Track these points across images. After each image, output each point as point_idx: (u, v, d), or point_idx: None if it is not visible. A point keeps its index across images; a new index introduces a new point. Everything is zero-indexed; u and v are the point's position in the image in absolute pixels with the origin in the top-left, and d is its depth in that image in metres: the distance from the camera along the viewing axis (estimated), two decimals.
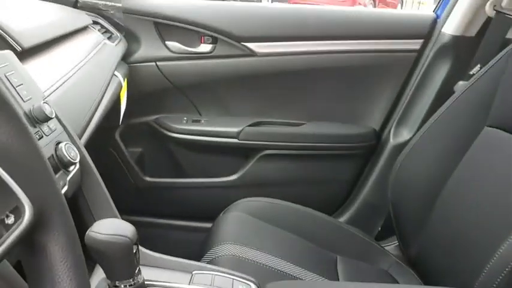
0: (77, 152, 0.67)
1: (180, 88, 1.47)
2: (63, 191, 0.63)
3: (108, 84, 1.14)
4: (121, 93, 1.27)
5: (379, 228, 1.43)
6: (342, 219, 1.49)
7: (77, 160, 0.66)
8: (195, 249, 1.02)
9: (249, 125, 1.45)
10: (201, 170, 1.53)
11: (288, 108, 1.50)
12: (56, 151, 0.62)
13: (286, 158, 1.47)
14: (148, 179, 1.58)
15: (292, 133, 1.47)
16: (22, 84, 0.63)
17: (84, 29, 1.22)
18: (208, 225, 1.16)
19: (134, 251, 0.49)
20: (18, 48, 0.74)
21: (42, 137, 0.61)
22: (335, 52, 1.41)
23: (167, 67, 1.45)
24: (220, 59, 1.43)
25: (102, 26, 1.40)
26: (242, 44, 1.40)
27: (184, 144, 1.54)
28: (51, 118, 0.63)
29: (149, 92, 1.52)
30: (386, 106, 1.47)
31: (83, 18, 1.26)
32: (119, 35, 1.44)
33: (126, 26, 1.46)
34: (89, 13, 1.40)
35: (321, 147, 1.46)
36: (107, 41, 1.30)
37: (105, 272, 0.49)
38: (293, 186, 1.50)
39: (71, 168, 0.66)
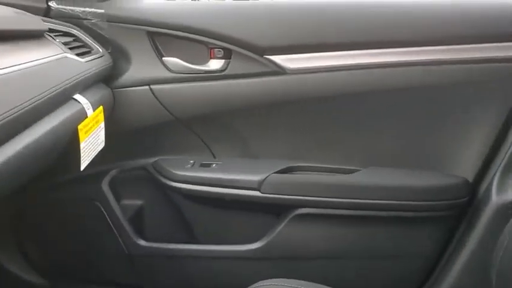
0: None
1: (182, 120, 1.17)
2: None
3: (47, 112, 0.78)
4: (82, 126, 0.89)
5: None
6: None
7: None
8: None
9: (277, 172, 1.13)
10: (212, 233, 1.22)
11: (333, 147, 1.17)
12: None
13: (331, 221, 1.12)
14: (143, 243, 1.23)
15: (340, 184, 1.11)
16: None
17: (30, 36, 0.86)
18: None
19: None
20: None
21: None
22: (404, 65, 1.07)
23: (164, 92, 1.14)
24: (235, 79, 1.12)
25: (77, 39, 1.04)
26: (265, 58, 1.09)
27: (189, 196, 1.19)
28: None
29: (143, 126, 1.19)
30: (484, 146, 1.10)
31: (32, 22, 0.90)
32: (101, 50, 1.08)
33: (111, 39, 1.09)
34: (65, 23, 1.05)
35: (383, 206, 1.09)
36: (71, 56, 0.93)
37: None
38: (340, 262, 1.14)
39: None
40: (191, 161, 1.20)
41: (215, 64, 1.12)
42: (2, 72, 0.68)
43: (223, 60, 1.11)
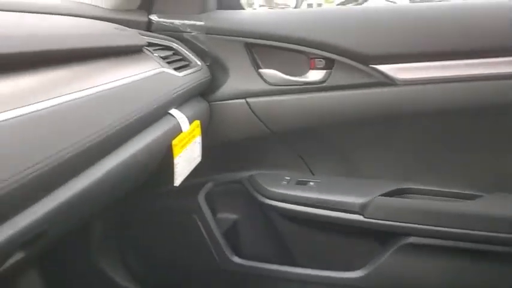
0: None
1: (279, 133, 1.10)
2: None
3: (143, 126, 0.77)
4: (176, 141, 0.86)
5: None
6: None
7: None
8: None
9: (383, 194, 1.02)
10: (308, 256, 1.13)
11: (449, 168, 1.03)
12: None
13: (445, 253, 0.98)
14: (237, 260, 1.18)
15: (459, 212, 0.96)
16: None
17: (129, 51, 0.86)
18: None
19: None
20: None
21: None
22: None
23: (261, 104, 1.09)
24: (337, 90, 1.04)
25: (177, 52, 1.03)
26: (371, 67, 1.00)
27: (285, 215, 1.11)
28: None
29: (239, 139, 1.14)
30: None
31: (130, 37, 0.90)
32: (199, 63, 1.05)
33: (209, 51, 1.06)
34: (165, 37, 1.05)
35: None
36: (168, 70, 0.92)
37: None
38: None
39: None
40: (287, 178, 1.12)
41: (315, 75, 1.04)
42: (102, 88, 0.68)
43: (324, 71, 1.03)
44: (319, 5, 4.00)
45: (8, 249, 0.48)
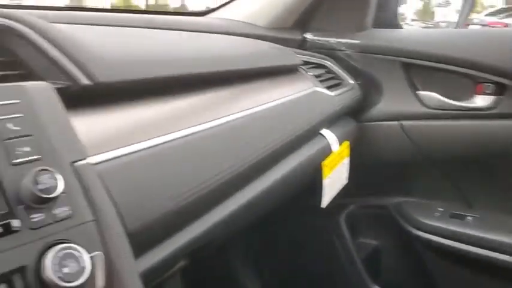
0: None
1: (434, 160, 1.04)
2: None
3: (295, 146, 0.77)
4: (327, 162, 0.85)
5: None
6: None
7: None
8: None
9: None
10: None
11: None
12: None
13: None
14: None
15: None
16: (28, 136, 0.37)
17: (284, 70, 0.87)
18: None
19: None
20: (83, 82, 0.44)
21: (17, 230, 0.33)
22: None
23: (417, 128, 1.03)
24: (508, 119, 0.94)
25: (329, 71, 1.03)
26: None
27: (434, 249, 1.03)
28: (50, 199, 0.34)
29: (389, 163, 1.09)
30: None
31: (287, 57, 0.91)
32: (351, 82, 1.04)
33: (363, 70, 1.03)
34: (318, 55, 1.05)
35: None
36: (321, 89, 0.91)
37: None
38: None
39: None
40: (440, 209, 1.03)
41: (482, 101, 0.94)
42: (259, 109, 0.69)
43: (492, 97, 0.93)
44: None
45: (177, 257, 0.51)
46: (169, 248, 0.49)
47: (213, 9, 1.16)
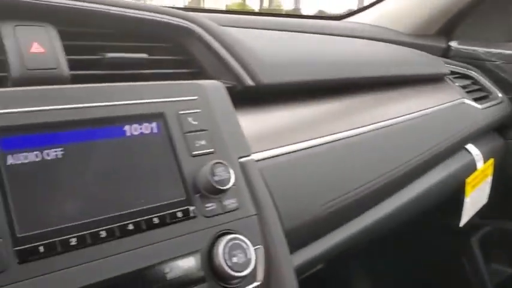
0: None
1: None
2: None
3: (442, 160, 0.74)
4: (470, 179, 0.79)
5: None
6: None
7: None
8: None
9: None
10: None
11: None
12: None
13: None
14: None
15: None
16: (204, 130, 0.40)
17: (430, 79, 0.84)
18: None
19: None
20: (248, 83, 0.48)
21: (194, 216, 0.36)
22: None
23: None
24: None
25: (476, 82, 0.96)
26: None
27: None
28: (223, 190, 0.37)
29: None
30: None
31: (434, 65, 0.87)
32: (500, 95, 0.95)
33: None
34: (463, 64, 0.99)
35: None
36: (469, 101, 0.85)
37: None
38: None
39: None
40: None
41: None
42: (404, 118, 0.67)
43: None
44: None
45: (318, 260, 0.51)
46: (314, 251, 0.49)
47: (349, 14, 1.15)
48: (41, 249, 0.29)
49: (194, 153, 0.38)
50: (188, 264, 0.34)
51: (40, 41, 0.38)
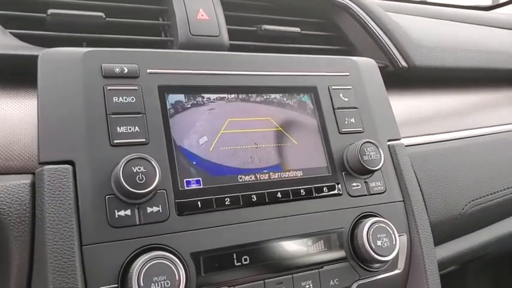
0: None
1: None
2: None
3: None
4: None
5: None
6: None
7: None
8: None
9: None
10: None
11: None
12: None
13: None
14: None
15: None
16: (355, 108, 0.39)
17: None
18: None
19: None
20: (401, 64, 0.46)
21: (339, 194, 0.36)
22: None
23: None
24: None
25: None
26: None
27: None
28: (371, 171, 0.36)
29: None
30: None
31: None
32: None
33: None
34: None
35: None
36: None
37: None
38: None
39: None
40: None
41: None
42: None
43: None
44: None
45: (452, 262, 0.48)
46: (452, 249, 0.46)
47: (498, 5, 1.05)
48: (199, 204, 0.31)
49: (343, 130, 0.37)
50: (331, 240, 0.34)
51: (205, 8, 0.40)
